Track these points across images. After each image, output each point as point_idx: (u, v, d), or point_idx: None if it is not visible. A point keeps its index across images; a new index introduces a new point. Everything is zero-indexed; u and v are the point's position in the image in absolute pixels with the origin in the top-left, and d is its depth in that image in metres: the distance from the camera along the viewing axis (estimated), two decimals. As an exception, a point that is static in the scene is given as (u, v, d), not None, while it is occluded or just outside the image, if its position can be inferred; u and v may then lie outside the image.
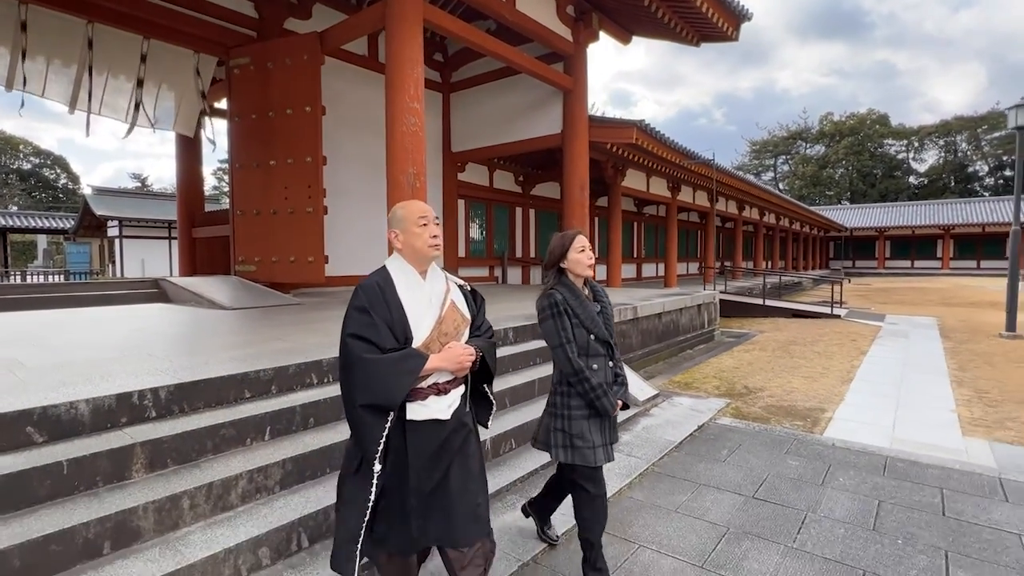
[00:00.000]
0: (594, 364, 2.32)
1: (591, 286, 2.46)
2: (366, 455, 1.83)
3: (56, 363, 3.34)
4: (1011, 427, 4.47)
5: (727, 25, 10.13)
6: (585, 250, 2.35)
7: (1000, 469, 3.61)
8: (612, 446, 2.39)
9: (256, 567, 2.28)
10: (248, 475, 2.55)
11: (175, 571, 2.03)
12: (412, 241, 1.94)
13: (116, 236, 20.53)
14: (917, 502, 3.13)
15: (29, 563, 1.91)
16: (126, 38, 7.83)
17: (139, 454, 2.43)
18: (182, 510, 2.31)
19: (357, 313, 1.85)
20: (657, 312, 8.09)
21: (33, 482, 2.14)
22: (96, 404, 2.55)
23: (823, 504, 3.11)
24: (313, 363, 3.48)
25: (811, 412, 4.95)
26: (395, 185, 6.64)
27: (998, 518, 2.92)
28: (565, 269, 2.37)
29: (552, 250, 2.39)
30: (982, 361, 7.14)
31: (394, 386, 1.77)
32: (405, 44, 6.61)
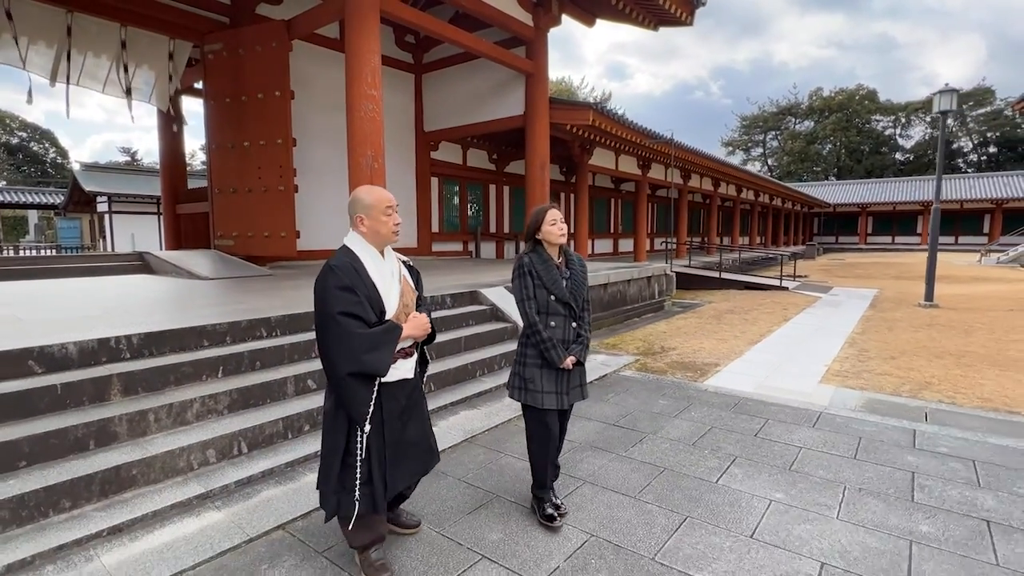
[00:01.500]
0: (552, 321, 2.59)
1: (567, 255, 2.70)
2: (358, 418, 2.07)
3: (49, 319, 4.07)
4: (864, 378, 5.29)
5: (681, 11, 10.65)
6: (556, 223, 2.60)
7: (827, 407, 4.42)
8: (569, 395, 2.64)
9: (204, 463, 3.05)
10: (201, 400, 3.32)
11: (142, 459, 2.81)
12: (378, 227, 2.16)
13: (106, 212, 21.02)
14: (741, 428, 3.93)
15: (35, 451, 2.67)
16: (104, 24, 8.32)
17: (115, 383, 3.18)
18: (149, 422, 3.08)
19: (342, 292, 2.02)
20: (602, 283, 8.84)
21: (35, 398, 2.90)
22: (82, 346, 3.29)
23: (665, 429, 3.91)
24: (263, 320, 4.22)
25: (706, 367, 5.75)
26: (355, 167, 7.30)
27: (795, 438, 3.73)
28: (540, 239, 2.64)
29: (529, 223, 2.72)
30: (885, 327, 7.96)
31: (385, 356, 2.06)
32: (363, 34, 7.18)
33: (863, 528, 2.59)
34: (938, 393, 4.75)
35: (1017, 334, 7.20)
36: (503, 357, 5.31)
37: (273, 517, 2.67)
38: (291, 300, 5.23)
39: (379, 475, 2.14)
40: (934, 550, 2.41)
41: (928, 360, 5.89)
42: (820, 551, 2.40)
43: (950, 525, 2.61)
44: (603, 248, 21.35)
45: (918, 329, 7.70)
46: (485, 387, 4.73)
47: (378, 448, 2.15)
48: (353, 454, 2.12)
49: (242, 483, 2.96)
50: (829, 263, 24.66)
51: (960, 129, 49.26)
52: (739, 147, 59.03)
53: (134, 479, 2.77)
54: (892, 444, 3.61)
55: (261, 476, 3.05)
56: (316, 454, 3.33)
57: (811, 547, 2.43)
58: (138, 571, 2.22)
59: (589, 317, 2.75)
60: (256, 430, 3.30)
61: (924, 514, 2.72)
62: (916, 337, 7.13)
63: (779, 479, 3.11)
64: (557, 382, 2.61)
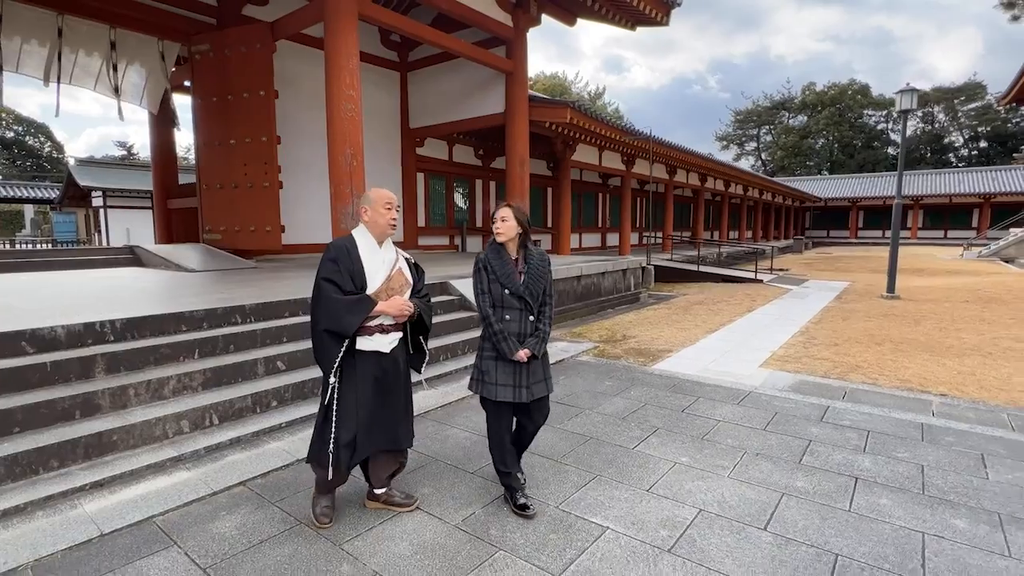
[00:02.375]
0: (507, 315, 2.64)
1: (527, 251, 2.74)
2: (324, 369, 2.46)
3: (41, 306, 4.45)
4: (803, 362, 5.69)
5: (656, 12, 10.98)
6: (497, 222, 2.69)
7: (757, 387, 4.81)
8: (531, 389, 2.65)
9: (179, 432, 3.44)
10: (177, 378, 3.70)
11: (122, 427, 3.19)
12: (377, 219, 2.55)
13: (101, 206, 21.31)
14: (672, 404, 4.33)
15: (27, 418, 3.05)
16: (95, 25, 8.63)
17: (99, 362, 3.56)
18: (129, 396, 3.46)
19: (329, 263, 2.48)
20: (575, 275, 9.22)
21: (27, 374, 3.28)
22: (69, 329, 3.67)
23: (603, 406, 4.31)
24: (238, 307, 4.60)
25: (659, 353, 6.14)
26: (335, 164, 7.66)
27: (717, 414, 4.13)
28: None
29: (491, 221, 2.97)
30: (841, 317, 8.36)
31: (349, 320, 2.41)
32: (341, 37, 7.51)
33: (747, 484, 2.99)
34: (864, 375, 5.15)
35: (962, 324, 7.60)
36: (466, 343, 5.70)
37: (236, 475, 3.06)
38: (268, 290, 5.61)
39: (348, 434, 2.47)
40: (800, 500, 2.81)
41: (867, 347, 6.30)
42: (703, 501, 2.80)
43: (823, 482, 3.01)
44: (591, 243, 21.70)
45: (871, 319, 8.10)
46: (447, 370, 5.12)
47: (350, 407, 2.49)
48: (331, 407, 2.49)
49: (211, 449, 3.34)
50: (814, 257, 25.08)
51: (951, 124, 49.62)
52: (733, 142, 59.30)
53: (115, 444, 3.15)
54: (802, 418, 4.01)
55: (229, 443, 3.44)
56: (281, 425, 3.74)
57: (696, 498, 2.83)
58: (115, 516, 2.61)
59: (550, 312, 2.77)
60: (227, 404, 3.69)
61: (804, 473, 3.12)
62: (866, 326, 7.53)
63: (690, 446, 3.51)
64: (515, 375, 2.64)
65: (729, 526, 2.57)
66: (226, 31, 9.00)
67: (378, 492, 2.75)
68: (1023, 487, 2.94)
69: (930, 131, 50.86)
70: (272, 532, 2.53)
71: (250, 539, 2.47)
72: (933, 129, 50.85)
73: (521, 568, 2.26)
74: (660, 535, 2.49)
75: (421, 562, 2.30)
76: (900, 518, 2.63)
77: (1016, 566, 2.25)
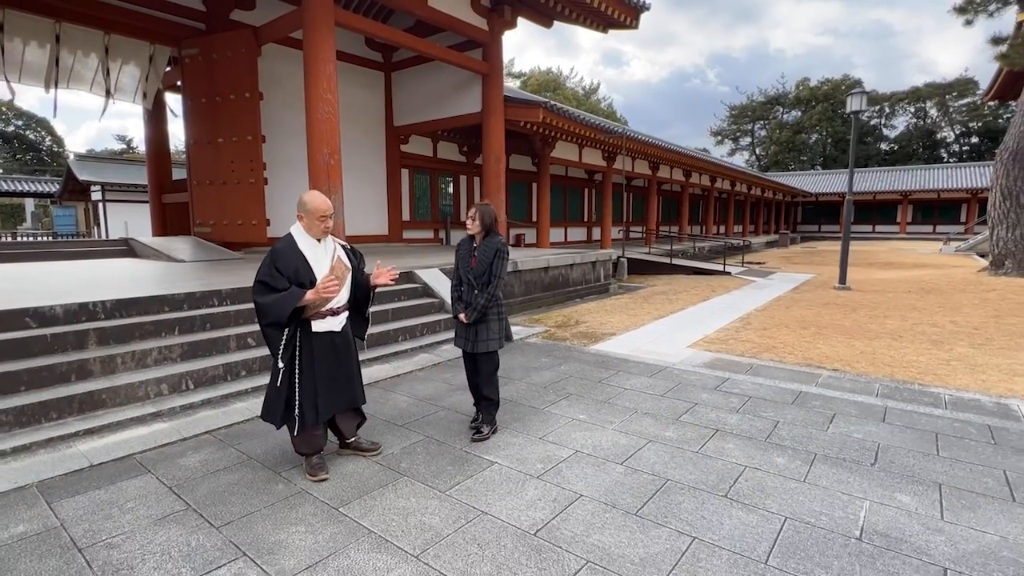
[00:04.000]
0: (462, 288, 3.59)
1: (482, 243, 3.51)
2: (273, 354, 2.91)
3: (42, 290, 5.08)
4: (728, 344, 6.30)
5: (625, 17, 11.54)
6: (468, 219, 3.57)
7: (675, 364, 5.43)
8: (473, 344, 3.52)
9: (159, 393, 4.07)
10: (159, 350, 4.33)
11: (110, 388, 3.82)
12: (311, 228, 2.97)
13: (100, 200, 21.91)
14: (592, 376, 4.96)
15: (31, 379, 3.68)
16: (90, 31, 9.21)
17: (92, 335, 4.19)
18: (117, 364, 4.10)
19: (265, 266, 2.88)
20: (543, 267, 9.83)
21: (30, 344, 3.91)
22: (66, 308, 4.30)
23: (531, 377, 4.94)
24: (215, 291, 5.22)
25: (602, 336, 6.77)
26: (314, 163, 8.27)
27: (628, 384, 4.75)
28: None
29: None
30: (785, 305, 8.98)
31: (282, 312, 2.81)
32: (319, 45, 8.09)
33: (624, 434, 3.62)
34: (775, 354, 5.77)
35: (892, 312, 8.22)
36: (425, 326, 6.33)
37: (204, 427, 3.70)
38: (246, 277, 6.21)
39: (311, 400, 2.95)
40: (661, 445, 3.44)
41: (793, 331, 6.92)
42: (581, 445, 3.43)
43: (687, 433, 3.64)
44: (577, 236, 22.26)
45: (812, 307, 8.71)
46: (402, 348, 5.76)
47: (311, 380, 2.96)
48: (292, 379, 2.94)
49: (185, 407, 3.98)
50: (797, 252, 25.63)
51: (943, 119, 49.95)
52: (728, 136, 59.69)
53: (104, 401, 3.79)
54: (700, 387, 4.64)
55: (201, 403, 4.07)
56: (247, 390, 4.37)
57: (577, 444, 3.46)
58: (102, 453, 3.25)
59: (492, 290, 3.47)
60: (201, 372, 4.33)
61: (676, 427, 3.75)
62: (804, 314, 8.15)
63: (591, 408, 4.14)
64: (466, 332, 3.57)
65: (593, 462, 3.20)
66: (213, 36, 9.57)
67: (349, 441, 3.32)
68: (850, 436, 3.57)
69: (922, 127, 51.23)
70: (227, 465, 3.17)
71: (209, 469, 3.11)
72: (925, 125, 51.22)
73: (417, 488, 2.90)
74: (535, 467, 3.13)
75: (339, 484, 2.94)
76: (735, 457, 3.26)
77: (804, 487, 2.88)
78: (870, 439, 3.53)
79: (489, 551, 2.33)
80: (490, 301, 3.50)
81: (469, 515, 2.62)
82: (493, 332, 3.58)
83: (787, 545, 2.37)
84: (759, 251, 25.89)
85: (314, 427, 3.02)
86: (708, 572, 2.18)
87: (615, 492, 2.84)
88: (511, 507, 2.69)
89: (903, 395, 4.44)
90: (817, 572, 2.18)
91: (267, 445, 3.44)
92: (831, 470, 3.09)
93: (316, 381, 2.99)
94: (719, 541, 2.40)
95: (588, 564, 2.24)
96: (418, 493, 2.84)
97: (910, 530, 2.48)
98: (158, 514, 2.62)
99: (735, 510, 2.66)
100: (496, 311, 3.60)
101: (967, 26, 11.82)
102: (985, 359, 5.51)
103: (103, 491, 2.84)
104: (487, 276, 3.49)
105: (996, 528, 2.50)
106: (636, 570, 2.20)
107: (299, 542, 2.40)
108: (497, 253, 3.50)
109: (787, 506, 2.69)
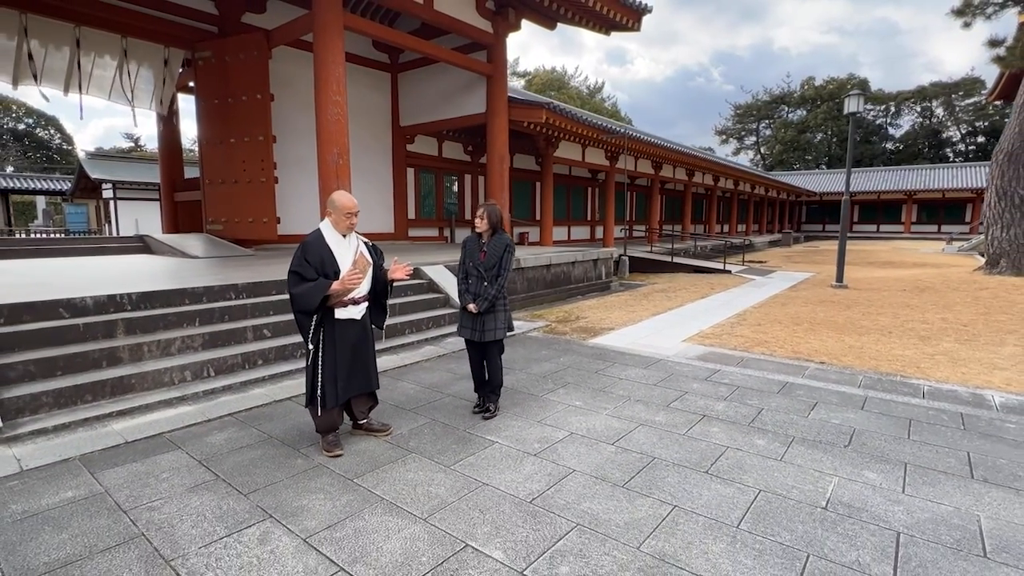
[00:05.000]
0: (470, 280, 3.84)
1: (491, 239, 3.82)
2: (304, 337, 3.21)
3: (70, 283, 5.38)
4: (722, 338, 6.54)
5: (628, 19, 11.77)
6: (476, 218, 3.86)
7: (670, 356, 5.68)
8: (482, 334, 3.78)
9: (183, 380, 4.36)
10: (181, 339, 4.62)
11: (138, 374, 4.11)
12: (338, 224, 3.26)
13: (111, 198, 22.31)
14: (589, 367, 5.21)
15: (67, 365, 3.98)
16: (108, 36, 9.52)
17: (120, 325, 4.48)
18: (143, 352, 4.38)
19: (297, 257, 3.14)
20: (544, 264, 10.08)
21: (64, 333, 4.20)
22: (95, 300, 4.59)
23: (531, 367, 5.20)
24: (232, 285, 5.51)
25: (601, 331, 7.01)
26: (323, 163, 8.55)
27: (624, 374, 5.00)
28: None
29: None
30: (781, 303, 9.20)
31: (312, 301, 3.10)
32: (328, 48, 8.37)
33: (616, 419, 3.87)
34: (766, 348, 6.01)
35: (886, 309, 8.43)
36: (430, 320, 6.60)
37: (226, 410, 3.98)
38: (259, 273, 6.52)
39: (332, 383, 3.23)
40: (651, 428, 3.70)
41: (786, 327, 7.15)
42: (576, 428, 3.69)
43: (676, 418, 3.90)
44: (580, 235, 22.49)
45: (807, 305, 8.93)
46: (409, 341, 6.03)
47: (332, 363, 3.24)
48: (316, 364, 3.24)
49: (207, 392, 4.27)
50: (799, 251, 25.78)
51: (949, 119, 49.82)
52: (732, 136, 59.70)
53: (133, 386, 4.08)
54: (691, 377, 4.89)
55: (222, 389, 4.36)
56: (264, 378, 4.66)
57: (572, 427, 3.72)
58: (135, 432, 3.54)
59: (501, 282, 3.79)
60: (221, 361, 4.61)
61: (666, 412, 4.00)
62: (798, 311, 8.37)
63: (587, 395, 4.40)
64: (473, 321, 3.83)
65: (586, 442, 3.46)
66: (226, 39, 9.87)
67: (361, 422, 3.60)
68: (828, 422, 3.81)
69: (928, 126, 51.12)
70: (250, 442, 3.45)
71: (233, 446, 3.39)
72: (931, 124, 51.10)
73: (424, 463, 3.17)
74: (533, 447, 3.39)
75: (353, 459, 3.21)
76: (718, 439, 3.51)
77: (780, 465, 3.13)
78: (847, 424, 3.77)
79: (489, 515, 2.59)
80: (500, 292, 3.81)
81: (471, 486, 2.88)
82: (500, 322, 3.89)
83: (758, 513, 2.62)
84: (761, 250, 26.06)
85: (333, 407, 3.29)
86: (685, 534, 2.44)
87: (605, 468, 3.10)
88: (510, 480, 2.95)
89: (884, 386, 4.67)
90: (782, 534, 2.43)
91: (285, 425, 3.72)
92: (807, 451, 3.34)
93: (337, 366, 3.26)
94: (697, 509, 2.65)
95: (578, 527, 2.50)
96: (425, 467, 3.11)
97: (872, 502, 2.73)
98: (190, 483, 2.90)
99: (714, 484, 2.91)
100: (503, 302, 3.91)
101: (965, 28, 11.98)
102: (969, 354, 5.73)
103: (139, 464, 3.12)
104: (497, 269, 3.80)
105: (951, 500, 2.75)
106: (621, 532, 2.46)
107: (319, 507, 2.67)
108: (507, 248, 3.87)
109: (762, 481, 2.94)
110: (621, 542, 2.38)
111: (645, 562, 2.24)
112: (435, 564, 2.22)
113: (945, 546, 2.35)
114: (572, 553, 2.30)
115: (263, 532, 2.45)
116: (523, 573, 2.17)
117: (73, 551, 2.30)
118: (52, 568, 2.19)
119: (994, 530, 2.48)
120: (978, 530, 2.48)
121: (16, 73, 8.71)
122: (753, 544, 2.36)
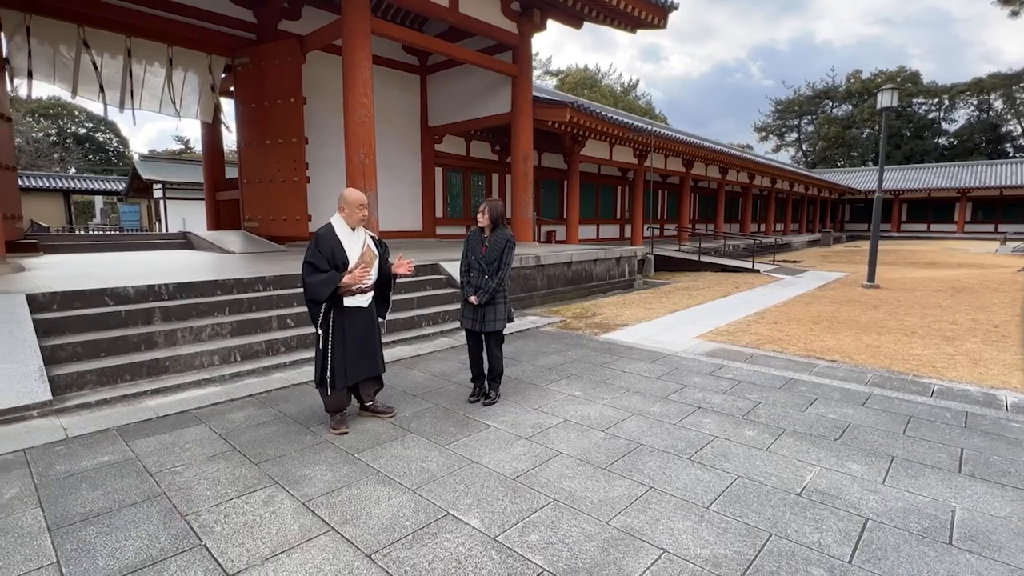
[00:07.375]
0: (472, 273, 4.05)
1: (492, 234, 4.02)
2: (314, 323, 3.49)
3: (116, 274, 5.86)
4: (736, 336, 6.52)
5: (654, 17, 11.76)
6: (479, 214, 4.07)
7: (679, 352, 5.73)
8: (482, 324, 3.97)
9: (212, 363, 4.72)
10: (211, 327, 5.00)
11: (172, 356, 4.50)
12: (351, 217, 3.53)
13: (161, 197, 23.62)
14: (596, 361, 5.33)
15: (110, 348, 4.39)
16: (156, 46, 10.17)
17: (157, 312, 4.89)
18: (177, 337, 4.77)
19: (311, 248, 3.46)
20: (565, 261, 10.19)
21: (108, 319, 4.63)
22: (136, 289, 5.02)
23: (539, 360, 5.36)
24: (259, 278, 5.89)
25: (615, 326, 7.10)
26: (351, 162, 8.93)
27: (628, 368, 5.10)
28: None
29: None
30: (805, 302, 9.03)
31: (322, 292, 3.37)
32: (357, 53, 8.73)
33: (612, 408, 4.00)
34: (778, 345, 5.98)
35: (915, 309, 8.19)
36: (447, 313, 6.84)
37: (248, 391, 4.31)
38: (287, 267, 6.90)
39: (340, 366, 3.49)
40: (644, 418, 3.81)
41: (804, 325, 7.06)
42: (571, 416, 3.84)
43: (671, 409, 3.99)
44: (610, 233, 22.42)
45: (832, 304, 8.76)
46: (425, 332, 6.29)
47: (340, 348, 3.50)
48: (326, 349, 3.52)
49: (234, 375, 4.61)
50: (839, 251, 24.96)
51: (1009, 111, 47.04)
52: (772, 132, 58.02)
53: (167, 368, 4.46)
54: (695, 372, 4.95)
55: (247, 372, 4.70)
56: (285, 363, 4.98)
57: (568, 414, 3.88)
58: (166, 408, 3.89)
59: (502, 275, 3.97)
60: (247, 347, 4.96)
61: (663, 404, 4.10)
62: (821, 310, 8.23)
63: (588, 386, 4.53)
64: (474, 312, 4.04)
65: (579, 429, 3.61)
66: (262, 46, 10.39)
67: (367, 405, 3.86)
68: (824, 417, 3.84)
69: (985, 120, 48.38)
70: (266, 420, 3.75)
71: (251, 423, 3.70)
72: (989, 118, 48.34)
73: (421, 442, 3.39)
74: (526, 431, 3.56)
75: (357, 437, 3.46)
76: (709, 429, 3.60)
77: (764, 454, 3.21)
78: (842, 419, 3.79)
79: (473, 489, 2.78)
80: (499, 285, 3.99)
81: (462, 463, 3.08)
82: (500, 313, 4.07)
83: (731, 496, 2.72)
84: (799, 249, 25.35)
85: (342, 389, 3.55)
86: (655, 512, 2.57)
87: (591, 452, 3.24)
88: (498, 459, 3.14)
89: (892, 384, 4.62)
90: (750, 516, 2.53)
91: (300, 406, 4.02)
92: (795, 442, 3.39)
93: (345, 350, 3.52)
94: (672, 491, 2.77)
95: (554, 502, 2.66)
96: (422, 446, 3.33)
97: (848, 490, 2.78)
98: (210, 453, 3.21)
99: (694, 469, 3.02)
100: (503, 295, 4.08)
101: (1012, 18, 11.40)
102: (992, 355, 5.57)
103: (167, 435, 3.46)
104: (497, 263, 3.99)
105: (930, 492, 2.77)
106: (594, 508, 2.61)
107: (320, 476, 2.92)
108: (507, 243, 4.05)
109: (742, 468, 3.03)
110: (592, 516, 2.53)
111: (611, 534, 2.39)
112: (417, 528, 2.43)
113: (911, 532, 2.40)
114: (544, 524, 2.47)
115: (268, 496, 2.72)
116: (495, 539, 2.35)
117: (105, 505, 2.62)
118: (86, 517, 2.51)
119: (967, 520, 2.50)
120: (950, 520, 2.51)
121: (75, 82, 9.42)
122: (719, 523, 2.47)
